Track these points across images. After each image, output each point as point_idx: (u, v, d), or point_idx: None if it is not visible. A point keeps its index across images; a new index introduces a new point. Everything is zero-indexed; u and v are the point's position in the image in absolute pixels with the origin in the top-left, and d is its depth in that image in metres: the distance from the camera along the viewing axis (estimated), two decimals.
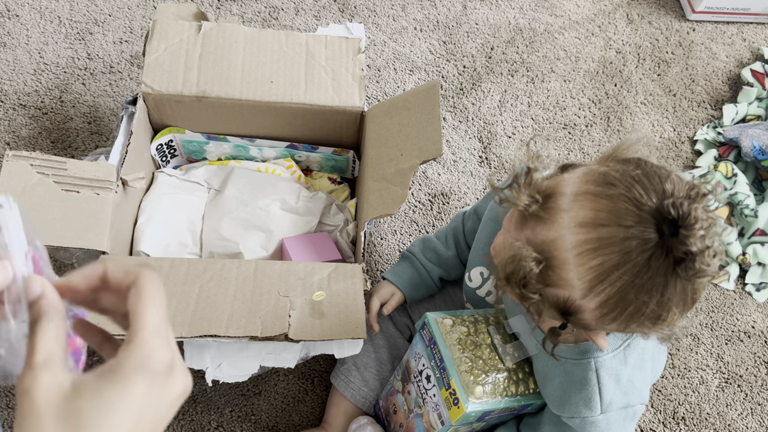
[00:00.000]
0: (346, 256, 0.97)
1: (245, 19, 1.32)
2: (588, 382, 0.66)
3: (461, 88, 1.31)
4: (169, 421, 0.38)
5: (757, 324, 1.12)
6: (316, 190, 1.05)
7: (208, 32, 0.97)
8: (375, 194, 0.87)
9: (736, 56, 1.45)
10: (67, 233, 0.77)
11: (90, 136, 1.13)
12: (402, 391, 0.81)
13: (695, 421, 1.02)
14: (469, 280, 0.84)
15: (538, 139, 1.27)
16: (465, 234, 0.90)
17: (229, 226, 0.94)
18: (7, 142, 1.10)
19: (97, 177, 0.81)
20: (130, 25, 1.27)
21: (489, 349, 0.71)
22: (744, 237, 1.18)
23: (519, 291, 0.55)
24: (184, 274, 0.78)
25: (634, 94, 1.36)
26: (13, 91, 1.16)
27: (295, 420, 0.94)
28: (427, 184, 1.18)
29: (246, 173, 1.01)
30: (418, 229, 1.13)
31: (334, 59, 0.99)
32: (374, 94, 1.27)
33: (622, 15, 1.48)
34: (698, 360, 1.08)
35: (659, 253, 0.50)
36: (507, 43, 1.39)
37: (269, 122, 0.99)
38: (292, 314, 0.76)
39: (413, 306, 0.94)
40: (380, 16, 1.38)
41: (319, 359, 0.98)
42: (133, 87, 1.20)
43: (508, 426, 0.79)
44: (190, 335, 0.73)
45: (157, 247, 0.91)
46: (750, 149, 1.21)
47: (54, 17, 1.25)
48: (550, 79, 1.35)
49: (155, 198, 0.95)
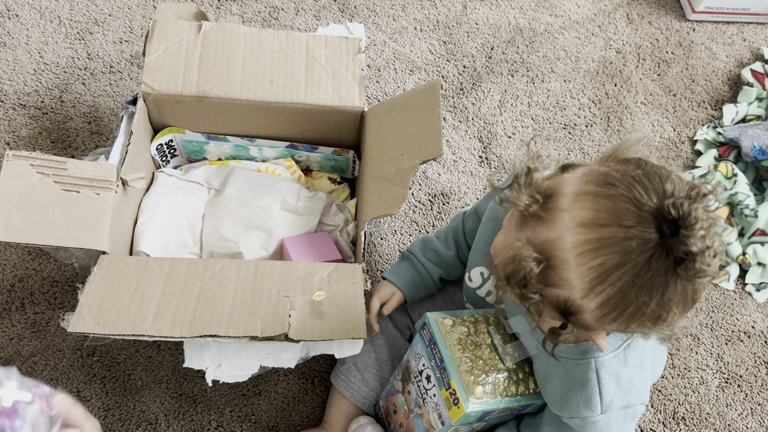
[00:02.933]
0: (346, 256, 0.97)
1: (245, 19, 1.32)
2: (588, 382, 0.66)
3: (461, 88, 1.31)
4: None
5: (757, 324, 1.12)
6: (316, 190, 1.05)
7: (208, 32, 0.97)
8: (375, 194, 0.87)
9: (736, 56, 1.45)
10: (67, 233, 0.77)
11: (90, 136, 1.13)
12: (402, 391, 0.81)
13: (695, 421, 1.02)
14: (469, 280, 0.84)
15: (538, 139, 1.27)
16: (465, 234, 0.90)
17: (229, 226, 0.94)
18: (7, 142, 1.10)
19: (97, 177, 0.81)
20: (130, 25, 1.27)
21: (489, 349, 0.71)
22: (744, 237, 1.18)
23: (519, 291, 0.55)
24: (184, 274, 0.78)
25: (634, 94, 1.36)
26: (13, 91, 1.15)
27: (295, 420, 0.94)
28: (427, 184, 1.18)
29: (246, 173, 1.01)
30: (418, 229, 1.13)
31: (334, 59, 0.99)
32: (374, 94, 1.27)
33: (622, 15, 1.48)
34: (698, 360, 1.08)
35: (659, 253, 0.50)
36: (507, 43, 1.39)
37: (269, 122, 0.99)
38: (292, 314, 0.76)
39: (413, 306, 0.94)
40: (380, 16, 1.38)
41: (319, 359, 0.98)
42: (133, 87, 1.20)
43: (508, 426, 0.79)
44: (190, 335, 0.73)
45: (157, 247, 0.91)
46: (750, 149, 1.21)
47: (54, 17, 1.25)
48: (550, 79, 1.35)
49: (155, 198, 0.95)
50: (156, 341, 0.96)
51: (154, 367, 0.95)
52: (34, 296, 0.98)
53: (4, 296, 0.97)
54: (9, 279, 0.98)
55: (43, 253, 1.01)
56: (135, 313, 0.74)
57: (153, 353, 0.96)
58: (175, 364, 0.95)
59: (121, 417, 0.91)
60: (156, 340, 0.96)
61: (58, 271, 1.00)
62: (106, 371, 0.94)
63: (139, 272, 0.78)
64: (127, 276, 0.77)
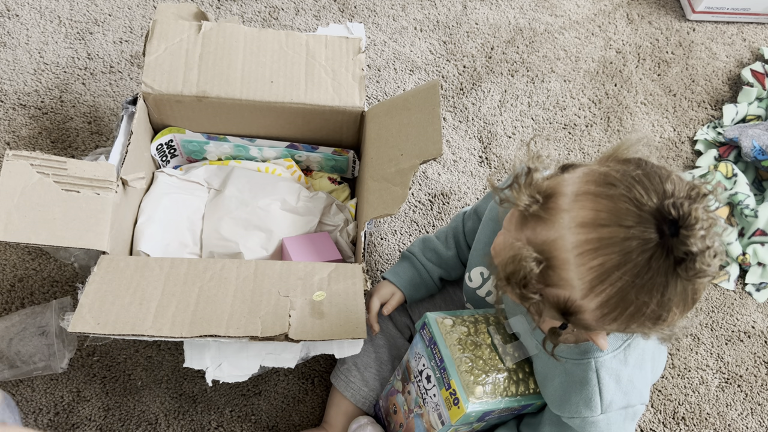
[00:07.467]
0: (346, 256, 0.97)
1: (245, 19, 1.32)
2: (588, 382, 0.66)
3: (461, 88, 1.31)
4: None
5: (757, 324, 1.12)
6: (316, 190, 1.05)
7: (208, 32, 0.97)
8: (375, 194, 0.87)
9: (736, 56, 1.45)
10: (67, 233, 0.77)
11: (90, 136, 1.13)
12: (402, 391, 0.81)
13: (695, 421, 1.02)
14: (470, 280, 0.84)
15: (538, 139, 1.27)
16: (465, 234, 0.90)
17: (229, 226, 0.94)
18: (7, 142, 1.10)
19: (97, 177, 0.81)
20: (130, 24, 1.27)
21: (489, 349, 0.71)
22: (744, 237, 1.18)
23: (519, 291, 0.55)
24: (184, 274, 0.78)
25: (634, 94, 1.36)
26: (13, 91, 1.15)
27: (295, 420, 0.94)
28: (427, 184, 1.18)
29: (246, 173, 1.01)
30: (418, 229, 1.13)
31: (334, 59, 0.99)
32: (374, 94, 1.27)
33: (622, 15, 1.48)
34: (698, 360, 1.08)
35: (660, 253, 0.50)
36: (507, 43, 1.39)
37: (269, 122, 0.99)
38: (292, 314, 0.76)
39: (413, 306, 0.94)
40: (380, 15, 1.38)
41: (319, 359, 0.98)
42: (133, 87, 1.20)
43: (508, 426, 0.79)
44: (190, 335, 0.73)
45: (157, 247, 0.91)
46: (750, 149, 1.21)
47: (54, 17, 1.25)
48: (550, 79, 1.35)
49: (155, 198, 0.95)
50: (156, 341, 0.96)
51: (154, 367, 0.95)
52: (34, 296, 0.98)
53: (4, 296, 0.97)
54: (9, 279, 0.98)
55: (43, 253, 1.01)
56: (135, 313, 0.74)
57: (153, 353, 0.96)
58: (175, 364, 0.95)
59: (121, 417, 0.91)
60: (156, 340, 0.96)
61: (58, 271, 1.00)
62: (106, 371, 0.94)
63: (139, 272, 0.78)
64: (127, 276, 0.77)
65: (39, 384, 0.92)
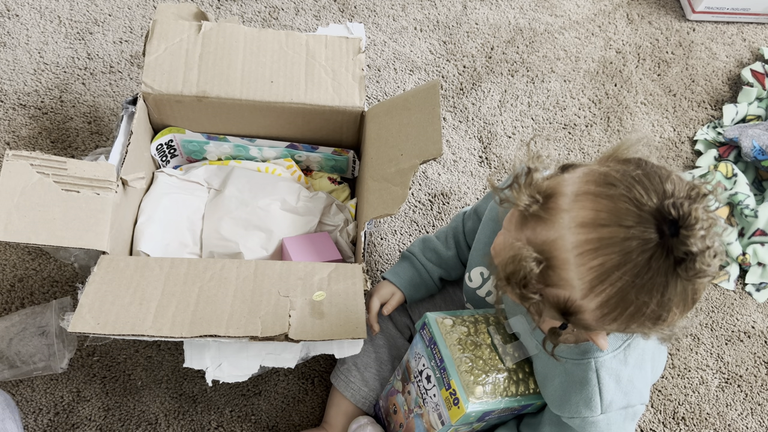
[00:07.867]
0: (346, 256, 0.97)
1: (245, 19, 1.32)
2: (588, 382, 0.66)
3: (461, 88, 1.31)
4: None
5: (757, 324, 1.12)
6: (316, 190, 1.05)
7: (208, 32, 0.97)
8: (375, 194, 0.87)
9: (736, 56, 1.45)
10: (67, 233, 0.77)
11: (90, 136, 1.13)
12: (402, 391, 0.81)
13: (695, 421, 1.02)
14: (470, 280, 0.84)
15: (538, 139, 1.27)
16: (465, 234, 0.90)
17: (229, 226, 0.94)
18: (7, 142, 1.10)
19: (97, 177, 0.81)
20: (130, 24, 1.27)
21: (489, 349, 0.71)
22: (744, 237, 1.18)
23: (519, 291, 0.55)
24: (184, 274, 0.78)
25: (634, 94, 1.36)
26: (13, 91, 1.15)
27: (295, 420, 0.94)
28: (427, 184, 1.18)
29: (246, 173, 1.01)
30: (418, 229, 1.13)
31: (334, 59, 0.99)
32: (374, 94, 1.27)
33: (622, 15, 1.48)
34: (698, 360, 1.08)
35: (660, 253, 0.50)
36: (507, 43, 1.39)
37: (269, 122, 0.99)
38: (292, 314, 0.76)
39: (413, 306, 0.94)
40: (380, 16, 1.38)
41: (319, 359, 0.98)
42: (133, 87, 1.20)
43: (508, 426, 0.79)
44: (190, 335, 0.73)
45: (157, 247, 0.91)
46: (750, 149, 1.21)
47: (54, 17, 1.25)
48: (550, 79, 1.35)
49: (155, 198, 0.95)
50: (156, 341, 0.96)
51: (154, 367, 0.95)
52: (34, 296, 0.98)
53: (4, 296, 0.97)
54: (9, 279, 0.98)
55: (43, 253, 1.01)
56: (135, 313, 0.74)
57: (153, 353, 0.96)
58: (175, 364, 0.95)
59: (121, 417, 0.91)
60: (156, 340, 0.96)
61: (58, 271, 1.00)
62: (106, 371, 0.94)
63: (139, 272, 0.78)
64: (127, 276, 0.77)
65: (39, 384, 0.92)
